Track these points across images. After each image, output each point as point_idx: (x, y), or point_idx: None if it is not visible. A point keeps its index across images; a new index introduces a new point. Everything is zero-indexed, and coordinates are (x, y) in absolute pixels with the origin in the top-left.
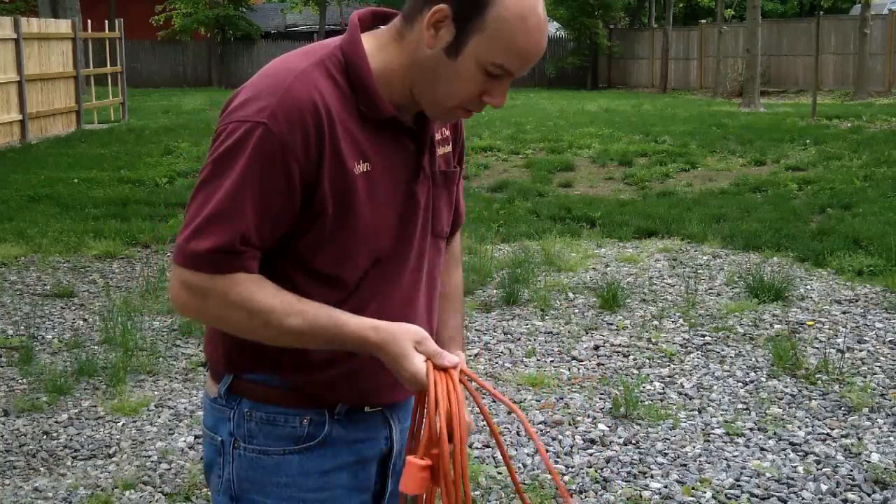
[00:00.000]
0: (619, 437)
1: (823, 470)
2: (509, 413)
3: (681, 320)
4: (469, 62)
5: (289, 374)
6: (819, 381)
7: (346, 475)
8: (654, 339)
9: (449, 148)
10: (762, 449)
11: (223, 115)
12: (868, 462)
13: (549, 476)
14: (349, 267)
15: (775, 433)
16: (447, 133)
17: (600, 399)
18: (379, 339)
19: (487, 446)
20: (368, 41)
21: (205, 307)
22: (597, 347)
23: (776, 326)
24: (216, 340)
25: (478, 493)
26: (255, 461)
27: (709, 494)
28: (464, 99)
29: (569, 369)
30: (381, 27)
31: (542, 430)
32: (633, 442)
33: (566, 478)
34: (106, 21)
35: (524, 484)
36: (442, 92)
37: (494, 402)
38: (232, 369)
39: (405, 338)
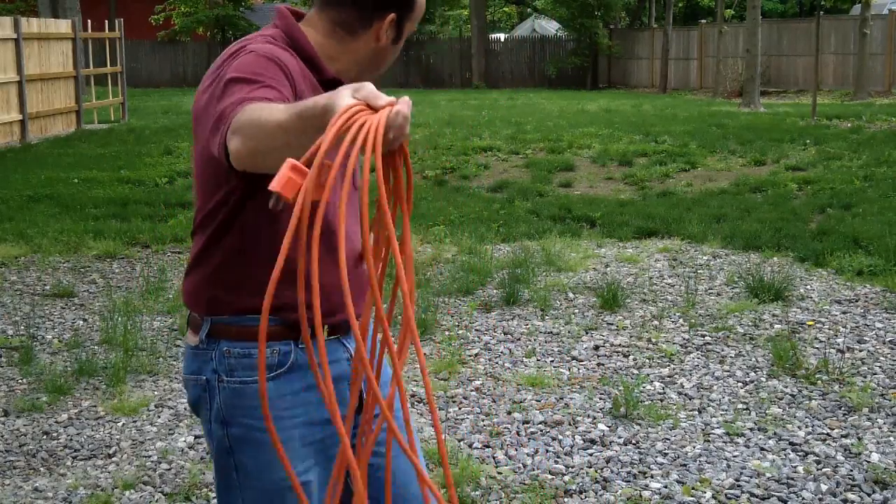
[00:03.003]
0: (619, 437)
1: (823, 470)
2: (509, 413)
3: (681, 320)
4: (401, 41)
5: (256, 303)
6: (819, 381)
7: (318, 392)
8: (654, 339)
9: None
10: (762, 449)
11: (225, 62)
12: (868, 462)
13: (550, 476)
14: None
15: (775, 433)
16: None
17: (600, 399)
18: (325, 98)
19: (487, 446)
20: (305, 30)
21: (235, 144)
22: (597, 347)
23: (776, 326)
24: (200, 288)
25: (478, 493)
26: (237, 391)
27: (709, 494)
28: (391, 63)
29: (569, 369)
30: (301, 21)
31: (542, 430)
32: (633, 442)
33: (566, 478)
34: (106, 21)
35: (524, 484)
36: (384, 65)
37: (495, 400)
38: (212, 311)
39: (343, 87)
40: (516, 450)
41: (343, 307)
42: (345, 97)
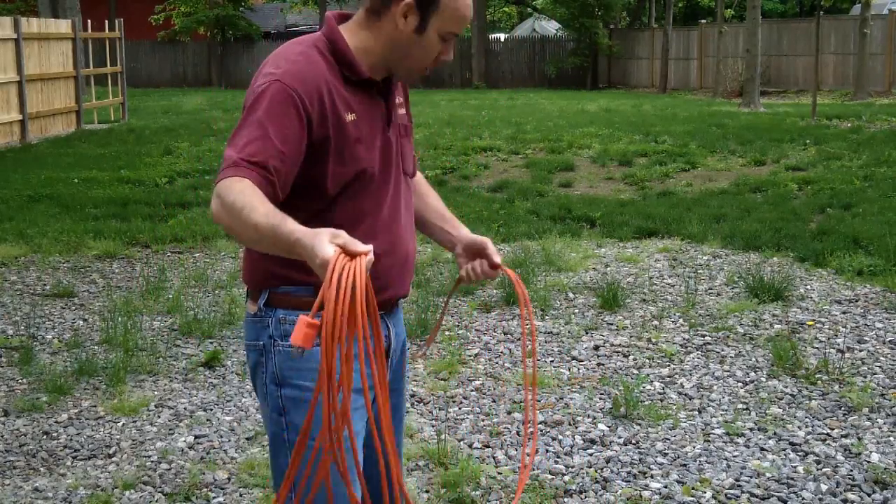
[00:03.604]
0: (619, 437)
1: (823, 470)
2: (509, 413)
3: (681, 320)
4: (432, 35)
5: (312, 279)
6: (819, 381)
7: (358, 363)
8: (654, 339)
9: (403, 109)
10: (762, 449)
11: (254, 79)
12: (868, 462)
13: (550, 476)
14: (347, 190)
15: (775, 433)
16: (400, 99)
17: (600, 399)
18: (301, 234)
19: (487, 446)
20: (343, 30)
21: (214, 207)
22: (597, 347)
23: (776, 326)
24: (258, 264)
25: (478, 492)
26: (291, 354)
27: (709, 494)
28: (428, 62)
29: (569, 369)
30: (347, 22)
31: (542, 430)
32: (633, 442)
33: (566, 478)
34: (106, 21)
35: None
36: (414, 60)
37: (495, 400)
38: (270, 283)
39: (322, 233)
40: (516, 450)
41: (387, 287)
42: (324, 243)
